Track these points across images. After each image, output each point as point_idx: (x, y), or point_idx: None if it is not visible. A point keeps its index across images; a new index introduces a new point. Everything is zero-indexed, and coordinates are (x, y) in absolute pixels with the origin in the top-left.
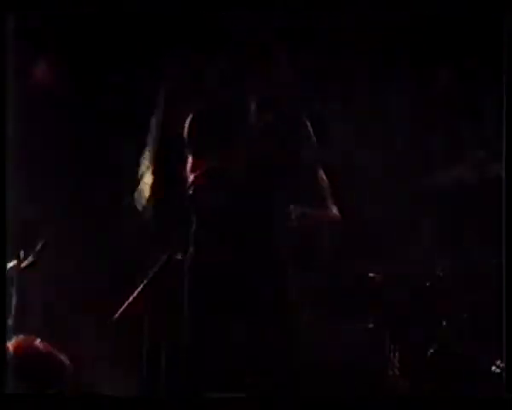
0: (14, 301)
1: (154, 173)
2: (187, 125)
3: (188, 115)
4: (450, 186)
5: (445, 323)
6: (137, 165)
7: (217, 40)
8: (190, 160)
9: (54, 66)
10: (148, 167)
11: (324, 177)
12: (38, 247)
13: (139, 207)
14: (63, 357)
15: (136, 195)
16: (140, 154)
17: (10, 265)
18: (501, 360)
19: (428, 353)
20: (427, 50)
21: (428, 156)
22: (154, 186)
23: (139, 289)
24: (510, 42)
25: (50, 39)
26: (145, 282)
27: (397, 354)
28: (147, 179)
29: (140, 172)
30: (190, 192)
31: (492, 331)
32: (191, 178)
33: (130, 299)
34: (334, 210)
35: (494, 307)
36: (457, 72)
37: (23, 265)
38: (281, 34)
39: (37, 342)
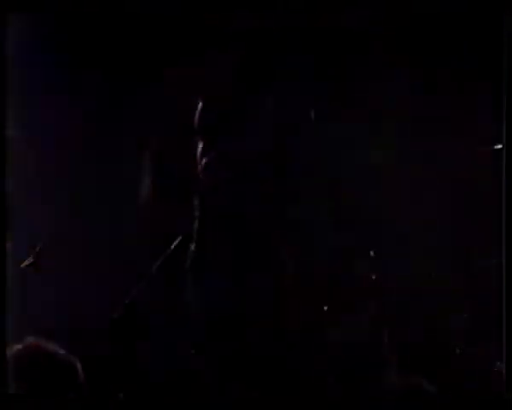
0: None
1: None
2: (198, 111)
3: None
4: (449, 184)
5: (444, 322)
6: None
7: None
8: (201, 145)
9: (53, 65)
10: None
11: None
12: (38, 247)
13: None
14: (73, 359)
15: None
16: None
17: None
18: (501, 361)
19: (428, 352)
20: (426, 50)
21: (427, 154)
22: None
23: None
24: (510, 42)
25: (50, 39)
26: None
27: (395, 354)
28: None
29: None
30: (201, 175)
31: (492, 331)
32: (203, 161)
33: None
34: None
35: (494, 306)
36: (457, 71)
37: (23, 265)
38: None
39: (47, 343)
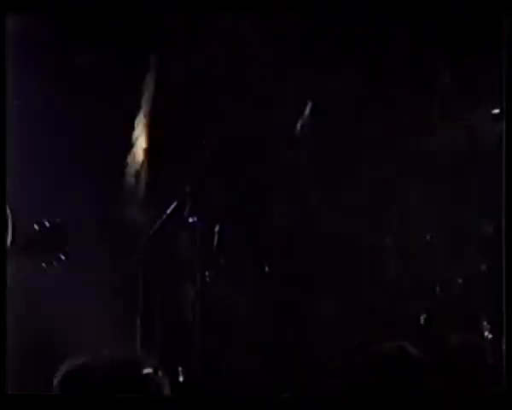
0: None
1: (148, 136)
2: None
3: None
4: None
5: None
6: (132, 128)
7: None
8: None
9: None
10: (142, 131)
11: None
12: None
13: (131, 172)
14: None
15: (129, 159)
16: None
17: None
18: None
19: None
20: (426, 49)
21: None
22: (148, 150)
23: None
24: (510, 42)
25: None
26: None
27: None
28: (141, 143)
29: (135, 136)
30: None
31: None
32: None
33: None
34: None
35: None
36: (457, 69)
37: None
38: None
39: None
